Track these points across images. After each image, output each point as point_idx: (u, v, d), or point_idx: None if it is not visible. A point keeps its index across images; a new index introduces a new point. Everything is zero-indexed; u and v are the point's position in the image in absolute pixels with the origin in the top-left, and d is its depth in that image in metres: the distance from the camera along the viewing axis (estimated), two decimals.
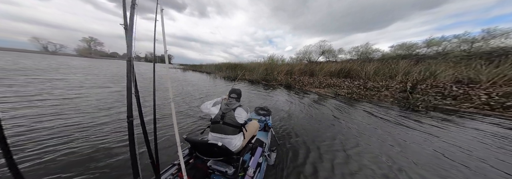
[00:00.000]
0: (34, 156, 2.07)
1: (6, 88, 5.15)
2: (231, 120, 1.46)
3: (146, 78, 10.23)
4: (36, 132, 2.71)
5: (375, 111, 5.31)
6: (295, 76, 13.85)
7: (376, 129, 3.73)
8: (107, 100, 4.99)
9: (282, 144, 2.62)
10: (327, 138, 3.08)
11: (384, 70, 12.64)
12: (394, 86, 9.02)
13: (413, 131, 3.70)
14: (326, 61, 18.35)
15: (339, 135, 3.24)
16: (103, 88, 6.68)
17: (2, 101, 4.05)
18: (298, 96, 8.05)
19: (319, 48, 20.06)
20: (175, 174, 1.27)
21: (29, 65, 13.20)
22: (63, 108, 3.94)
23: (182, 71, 24.21)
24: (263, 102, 6.22)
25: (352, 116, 4.78)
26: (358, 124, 4.06)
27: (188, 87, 8.96)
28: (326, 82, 11.78)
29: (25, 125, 2.89)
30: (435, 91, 7.37)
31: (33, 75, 8.02)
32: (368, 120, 4.42)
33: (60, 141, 2.47)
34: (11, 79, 6.68)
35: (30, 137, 2.52)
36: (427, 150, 2.77)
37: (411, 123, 4.27)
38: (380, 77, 12.03)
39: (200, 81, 12.76)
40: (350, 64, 15.16)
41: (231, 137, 1.46)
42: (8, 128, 2.71)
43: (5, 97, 4.35)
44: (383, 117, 4.70)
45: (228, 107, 1.52)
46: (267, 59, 17.36)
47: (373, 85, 10.00)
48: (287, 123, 3.90)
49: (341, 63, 16.06)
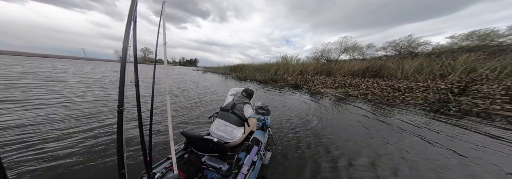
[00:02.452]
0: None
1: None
2: (239, 112, 1.62)
3: (176, 81, 11.19)
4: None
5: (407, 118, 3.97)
6: (307, 76, 12.37)
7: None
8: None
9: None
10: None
11: (433, 68, 9.69)
12: (434, 87, 6.68)
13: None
14: (350, 60, 15.57)
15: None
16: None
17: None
18: (295, 95, 7.30)
19: (340, 45, 17.19)
20: (168, 167, 1.26)
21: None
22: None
23: (202, 73, 25.71)
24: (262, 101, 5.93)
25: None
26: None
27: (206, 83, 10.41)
28: (341, 82, 9.92)
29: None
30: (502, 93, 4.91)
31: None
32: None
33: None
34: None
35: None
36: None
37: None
38: (424, 77, 9.25)
39: (208, 80, 13.02)
40: (381, 61, 12.44)
41: (235, 127, 1.55)
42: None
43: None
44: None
45: (240, 100, 1.73)
46: (281, 59, 16.30)
47: (406, 86, 7.73)
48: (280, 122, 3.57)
49: (368, 61, 13.38)
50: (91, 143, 2.30)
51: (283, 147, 2.49)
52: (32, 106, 3.68)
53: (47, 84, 6.32)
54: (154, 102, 1.11)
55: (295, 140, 2.72)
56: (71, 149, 2.11)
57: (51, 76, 8.80)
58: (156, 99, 4.97)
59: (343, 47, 16.46)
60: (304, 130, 3.20)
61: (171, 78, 11.60)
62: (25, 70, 10.71)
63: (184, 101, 5.30)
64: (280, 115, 4.14)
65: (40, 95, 4.67)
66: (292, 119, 3.86)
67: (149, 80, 6.13)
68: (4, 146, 2.07)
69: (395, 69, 10.98)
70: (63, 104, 4.02)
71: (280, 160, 2.14)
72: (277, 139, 2.74)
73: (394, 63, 11.66)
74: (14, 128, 2.56)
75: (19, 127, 2.63)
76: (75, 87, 6.20)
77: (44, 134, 2.44)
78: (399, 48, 15.03)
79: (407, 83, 8.27)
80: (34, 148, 2.08)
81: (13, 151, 2.00)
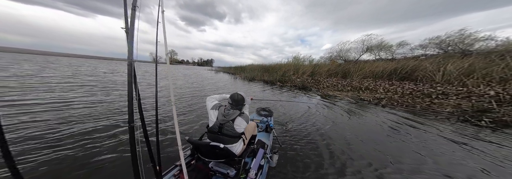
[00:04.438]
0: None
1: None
2: (230, 131, 1.36)
3: (191, 82, 10.97)
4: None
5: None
6: (318, 78, 11.10)
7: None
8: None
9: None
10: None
11: (491, 70, 7.44)
12: (481, 93, 5.01)
13: None
14: (374, 60, 13.10)
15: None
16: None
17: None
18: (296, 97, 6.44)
19: (362, 44, 14.08)
20: (177, 175, 1.28)
21: (161, 70, 21.29)
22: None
23: (215, 72, 26.48)
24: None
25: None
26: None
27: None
28: (356, 85, 8.48)
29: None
30: None
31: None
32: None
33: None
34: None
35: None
36: None
37: None
38: (474, 80, 7.16)
39: (217, 79, 13.12)
40: (416, 61, 10.26)
41: (231, 146, 1.37)
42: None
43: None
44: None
45: (225, 118, 1.36)
46: (292, 59, 15.08)
47: (441, 91, 6.07)
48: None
49: (397, 61, 11.17)
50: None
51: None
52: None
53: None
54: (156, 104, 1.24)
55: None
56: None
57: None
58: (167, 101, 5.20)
59: (365, 46, 14.05)
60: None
61: (190, 79, 12.16)
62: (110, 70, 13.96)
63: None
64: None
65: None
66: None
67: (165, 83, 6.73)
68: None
69: (433, 71, 8.79)
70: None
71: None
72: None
73: (433, 64, 9.36)
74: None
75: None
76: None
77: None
78: (445, 46, 11.96)
79: (444, 88, 6.38)
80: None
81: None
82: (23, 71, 8.34)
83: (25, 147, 1.96)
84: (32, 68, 10.43)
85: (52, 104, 3.58)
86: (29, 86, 5.05)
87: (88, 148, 2.06)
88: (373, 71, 10.54)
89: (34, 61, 16.91)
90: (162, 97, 5.44)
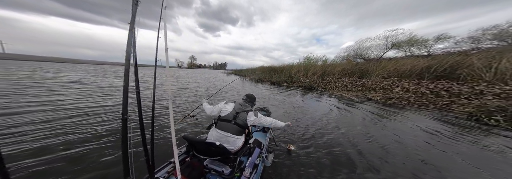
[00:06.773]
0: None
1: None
2: (242, 121, 1.47)
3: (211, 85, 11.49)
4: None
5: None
6: (329, 78, 10.12)
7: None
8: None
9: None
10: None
11: None
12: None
13: None
14: (402, 57, 10.82)
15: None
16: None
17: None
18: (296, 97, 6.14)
19: (386, 40, 12.20)
20: (170, 172, 1.26)
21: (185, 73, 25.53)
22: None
23: (227, 75, 26.60)
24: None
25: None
26: None
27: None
28: (369, 85, 7.43)
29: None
30: None
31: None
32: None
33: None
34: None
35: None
36: None
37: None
38: None
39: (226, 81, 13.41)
40: (459, 57, 8.37)
41: (237, 137, 1.44)
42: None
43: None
44: None
45: (242, 107, 1.54)
46: (304, 59, 14.00)
47: (479, 90, 4.80)
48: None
49: (432, 57, 9.22)
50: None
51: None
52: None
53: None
54: (153, 98, 1.09)
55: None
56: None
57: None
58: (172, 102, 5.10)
59: (390, 43, 11.87)
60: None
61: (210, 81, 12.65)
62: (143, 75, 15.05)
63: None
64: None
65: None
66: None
67: (177, 84, 7.35)
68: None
69: (481, 68, 6.93)
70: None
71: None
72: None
73: (483, 59, 7.38)
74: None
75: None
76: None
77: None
78: (508, 36, 9.15)
79: (485, 87, 4.89)
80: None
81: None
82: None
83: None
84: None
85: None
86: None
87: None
88: (398, 70, 8.97)
89: (102, 69, 20.49)
90: (171, 97, 5.60)
